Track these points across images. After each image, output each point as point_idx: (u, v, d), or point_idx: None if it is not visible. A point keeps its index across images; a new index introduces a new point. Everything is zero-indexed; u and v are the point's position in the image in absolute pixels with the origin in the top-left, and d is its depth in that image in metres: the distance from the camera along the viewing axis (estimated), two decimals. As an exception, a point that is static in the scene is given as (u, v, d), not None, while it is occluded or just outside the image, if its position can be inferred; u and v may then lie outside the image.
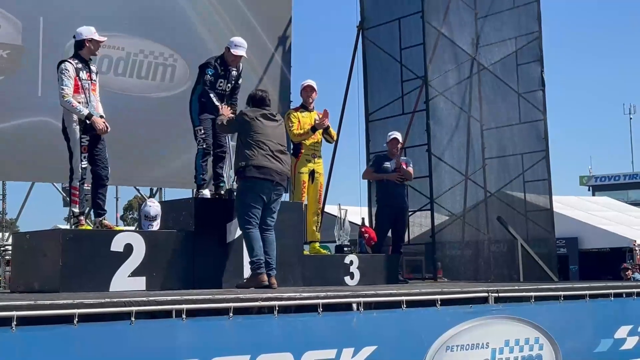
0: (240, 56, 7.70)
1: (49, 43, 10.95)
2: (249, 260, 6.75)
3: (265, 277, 6.64)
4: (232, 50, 7.63)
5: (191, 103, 7.68)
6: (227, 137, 7.89)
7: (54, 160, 10.15)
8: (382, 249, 9.45)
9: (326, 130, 8.61)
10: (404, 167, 9.56)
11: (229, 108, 7.60)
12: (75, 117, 6.88)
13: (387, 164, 9.60)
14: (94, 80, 7.05)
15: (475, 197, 12.83)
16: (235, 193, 7.13)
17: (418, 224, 12.40)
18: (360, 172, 12.98)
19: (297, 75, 13.14)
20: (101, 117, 7.02)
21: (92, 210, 7.30)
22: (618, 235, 21.71)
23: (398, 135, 9.80)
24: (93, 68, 7.11)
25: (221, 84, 7.63)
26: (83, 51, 7.02)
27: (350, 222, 9.11)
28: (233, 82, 7.77)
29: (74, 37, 7.10)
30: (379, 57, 12.88)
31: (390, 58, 12.69)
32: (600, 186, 43.86)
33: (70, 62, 6.90)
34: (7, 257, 12.54)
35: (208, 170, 7.81)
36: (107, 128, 6.98)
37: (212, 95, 7.53)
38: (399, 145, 9.80)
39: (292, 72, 13.09)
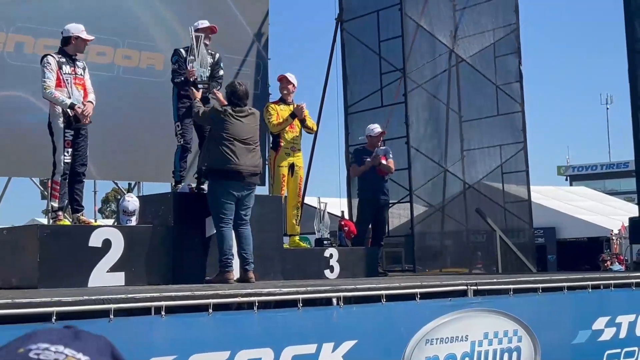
0: (205, 30, 7.64)
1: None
2: (219, 257, 6.73)
3: (232, 275, 6.66)
4: (194, 33, 7.63)
5: (172, 99, 7.64)
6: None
7: (31, 155, 10.06)
8: (363, 242, 9.47)
9: (303, 123, 8.59)
10: (384, 161, 9.55)
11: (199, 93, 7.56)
12: (59, 110, 6.88)
13: (368, 159, 9.60)
14: (80, 75, 7.06)
15: (455, 188, 12.88)
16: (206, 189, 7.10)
17: (397, 215, 12.43)
18: (339, 164, 13.05)
19: (275, 69, 13.10)
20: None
21: (70, 206, 7.24)
22: (595, 225, 21.93)
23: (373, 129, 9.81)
24: (79, 63, 7.14)
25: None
26: (68, 47, 7.06)
27: (329, 213, 9.12)
28: (209, 68, 7.70)
29: (62, 32, 7.14)
30: (358, 50, 12.86)
31: (369, 50, 12.67)
32: (577, 176, 44.27)
33: (53, 56, 6.95)
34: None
35: (187, 166, 7.79)
36: (88, 115, 6.99)
37: (177, 80, 7.52)
38: (375, 141, 9.79)
39: (270, 65, 13.05)
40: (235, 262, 6.82)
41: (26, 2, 10.65)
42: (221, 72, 7.92)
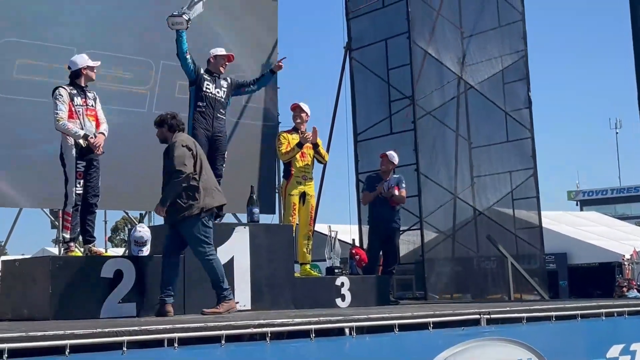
0: (222, 58, 7.75)
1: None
2: (219, 286, 6.46)
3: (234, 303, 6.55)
4: (211, 57, 7.77)
5: (188, 117, 7.67)
6: (223, 164, 7.83)
7: (43, 186, 10.08)
8: (374, 270, 9.43)
9: (316, 150, 8.60)
10: (396, 191, 9.48)
11: None
12: (71, 142, 6.92)
13: (379, 186, 9.55)
14: (91, 106, 7.11)
15: (465, 214, 12.86)
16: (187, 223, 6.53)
17: (407, 242, 12.41)
18: (349, 192, 13.10)
19: (284, 97, 13.16)
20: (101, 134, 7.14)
21: (81, 237, 7.24)
22: (607, 250, 21.82)
23: (390, 154, 9.75)
24: (90, 94, 7.17)
25: (209, 87, 7.64)
26: (80, 79, 7.10)
27: (340, 240, 9.10)
28: (225, 91, 7.76)
29: (69, 67, 7.19)
30: (367, 78, 12.94)
31: (377, 78, 12.75)
32: (588, 201, 44.16)
33: (65, 88, 7.00)
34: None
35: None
36: (101, 146, 7.02)
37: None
38: (390, 167, 9.71)
39: (279, 94, 13.09)
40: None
41: (38, 27, 10.51)
42: (241, 81, 8.03)
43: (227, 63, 7.85)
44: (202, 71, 7.67)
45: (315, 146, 8.58)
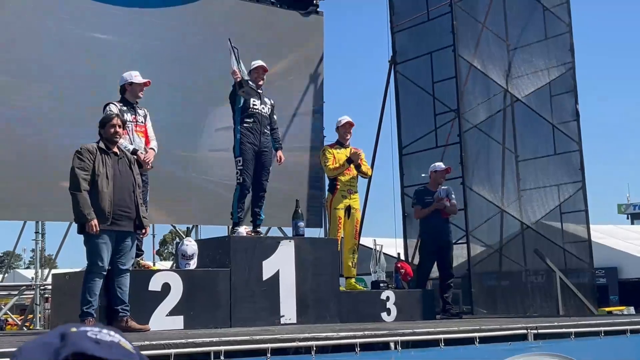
0: (256, 71, 7.83)
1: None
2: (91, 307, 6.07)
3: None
4: (252, 69, 7.86)
5: (234, 131, 7.76)
6: (268, 179, 7.90)
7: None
8: (423, 284, 9.37)
9: (359, 168, 8.59)
10: (447, 202, 9.45)
11: None
12: None
13: (430, 198, 9.51)
14: (140, 122, 7.21)
15: (512, 228, 12.74)
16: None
17: (454, 256, 12.30)
18: (394, 205, 13.04)
19: (329, 111, 13.19)
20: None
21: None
22: (658, 264, 21.42)
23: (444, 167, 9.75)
24: (140, 111, 7.27)
25: (255, 103, 7.71)
26: (127, 95, 7.22)
27: (385, 253, 9.08)
28: (269, 108, 7.84)
29: (118, 82, 7.33)
30: (412, 91, 12.92)
31: (422, 92, 12.71)
32: (639, 214, 43.30)
33: (115, 104, 7.10)
34: (46, 295, 12.69)
35: (244, 207, 7.84)
36: (149, 162, 7.11)
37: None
38: (442, 180, 9.70)
39: (324, 107, 13.15)
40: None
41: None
42: (275, 118, 8.05)
43: (263, 75, 7.93)
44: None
45: (358, 167, 8.57)
